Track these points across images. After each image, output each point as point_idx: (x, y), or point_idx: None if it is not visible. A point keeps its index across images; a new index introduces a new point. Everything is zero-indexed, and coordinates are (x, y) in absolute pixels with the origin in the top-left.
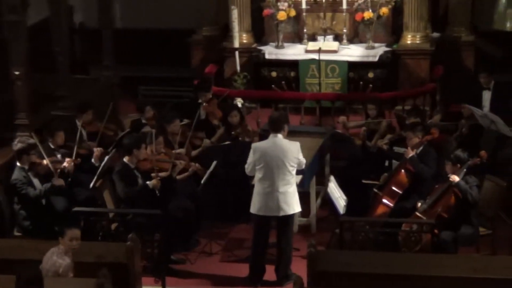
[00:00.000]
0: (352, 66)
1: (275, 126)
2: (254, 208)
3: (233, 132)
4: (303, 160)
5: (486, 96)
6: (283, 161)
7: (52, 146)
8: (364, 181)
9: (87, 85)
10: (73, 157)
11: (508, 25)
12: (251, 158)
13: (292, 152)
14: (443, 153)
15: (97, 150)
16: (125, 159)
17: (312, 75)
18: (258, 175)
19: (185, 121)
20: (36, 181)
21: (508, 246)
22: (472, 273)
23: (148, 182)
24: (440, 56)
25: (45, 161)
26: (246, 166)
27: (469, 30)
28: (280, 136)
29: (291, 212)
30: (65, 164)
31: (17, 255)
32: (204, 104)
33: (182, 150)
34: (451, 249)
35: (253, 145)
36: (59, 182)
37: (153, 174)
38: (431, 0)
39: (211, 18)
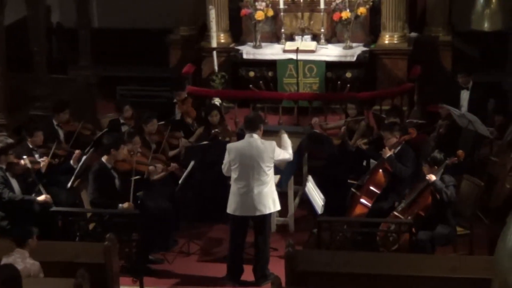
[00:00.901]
0: (330, 66)
1: (251, 126)
2: (230, 208)
3: (213, 131)
4: (286, 156)
5: (464, 95)
6: (258, 161)
7: (30, 146)
8: (342, 181)
9: (64, 85)
10: (49, 157)
11: (485, 25)
12: (226, 158)
13: (268, 152)
14: (421, 152)
15: (76, 153)
16: (103, 159)
17: (290, 75)
18: (233, 175)
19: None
20: (14, 182)
21: (485, 246)
22: (449, 273)
23: (120, 205)
24: (417, 56)
25: (23, 161)
26: (222, 166)
27: (446, 30)
28: (255, 136)
29: (267, 212)
30: (41, 163)
31: None
32: (179, 103)
33: (161, 156)
34: (428, 248)
35: (228, 145)
36: (41, 199)
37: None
38: (409, 0)
39: (188, 18)
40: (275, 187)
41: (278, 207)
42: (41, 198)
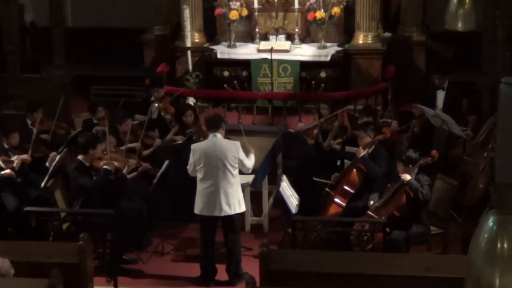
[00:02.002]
0: (304, 65)
1: (212, 125)
2: (197, 209)
3: (187, 131)
4: (248, 163)
5: (440, 95)
6: (222, 161)
7: (6, 146)
8: (315, 179)
9: (38, 84)
10: (28, 156)
11: (459, 25)
12: (191, 159)
13: (232, 151)
14: (395, 152)
15: (52, 154)
16: (80, 157)
17: (264, 74)
18: (199, 175)
19: (138, 119)
20: None
21: (459, 245)
22: (423, 272)
23: (105, 166)
24: (391, 55)
25: None
26: (187, 167)
27: (420, 30)
28: (219, 135)
29: (232, 212)
30: (15, 161)
31: None
32: (156, 101)
33: (136, 144)
34: (402, 248)
35: (193, 145)
36: (6, 172)
37: (103, 162)
38: None
39: (163, 17)
40: (241, 188)
41: (243, 208)
42: (5, 171)
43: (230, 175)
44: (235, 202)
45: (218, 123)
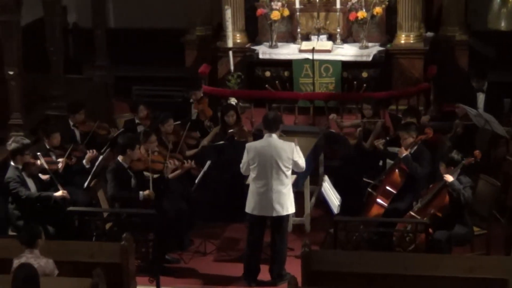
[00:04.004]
0: (346, 65)
1: (271, 126)
2: (248, 208)
3: (229, 131)
4: (302, 163)
5: (481, 98)
6: (276, 161)
7: (47, 147)
8: (358, 180)
9: (80, 84)
10: (65, 157)
11: (502, 24)
12: (245, 158)
13: (286, 152)
14: (437, 152)
15: (90, 152)
16: (119, 158)
17: (306, 74)
18: (252, 175)
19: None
20: (30, 181)
21: (502, 246)
22: (466, 273)
23: (140, 193)
24: (434, 55)
25: (39, 161)
26: (241, 165)
27: (463, 29)
28: (274, 136)
29: (284, 213)
30: (59, 164)
31: (12, 254)
32: (194, 102)
33: (177, 155)
34: (445, 248)
35: (247, 144)
36: (59, 194)
37: (146, 173)
38: None
39: (204, 18)
40: (292, 189)
41: (293, 209)
42: (58, 193)
43: (283, 175)
44: (288, 203)
45: (276, 124)
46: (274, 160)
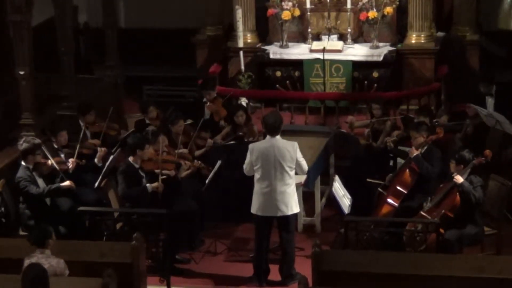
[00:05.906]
0: (357, 65)
1: (272, 131)
2: (253, 208)
3: (240, 133)
4: (304, 165)
5: (489, 102)
6: (280, 162)
7: (55, 146)
8: (368, 180)
9: (91, 84)
10: (75, 157)
11: None
12: (248, 158)
13: (289, 152)
14: (448, 152)
15: (101, 150)
16: (130, 159)
17: (316, 74)
18: (256, 175)
19: (189, 121)
20: (40, 181)
21: None
22: (477, 273)
23: (148, 185)
24: (445, 55)
25: (50, 161)
26: (244, 166)
27: (474, 29)
28: (277, 136)
29: (289, 213)
30: (69, 165)
31: (23, 254)
32: (209, 103)
33: (185, 150)
34: (456, 248)
35: (250, 145)
36: (66, 184)
37: (157, 171)
38: None
39: (215, 18)
40: (296, 188)
41: (298, 208)
42: (66, 183)
43: (287, 175)
44: (292, 202)
45: (278, 127)
46: (277, 160)
